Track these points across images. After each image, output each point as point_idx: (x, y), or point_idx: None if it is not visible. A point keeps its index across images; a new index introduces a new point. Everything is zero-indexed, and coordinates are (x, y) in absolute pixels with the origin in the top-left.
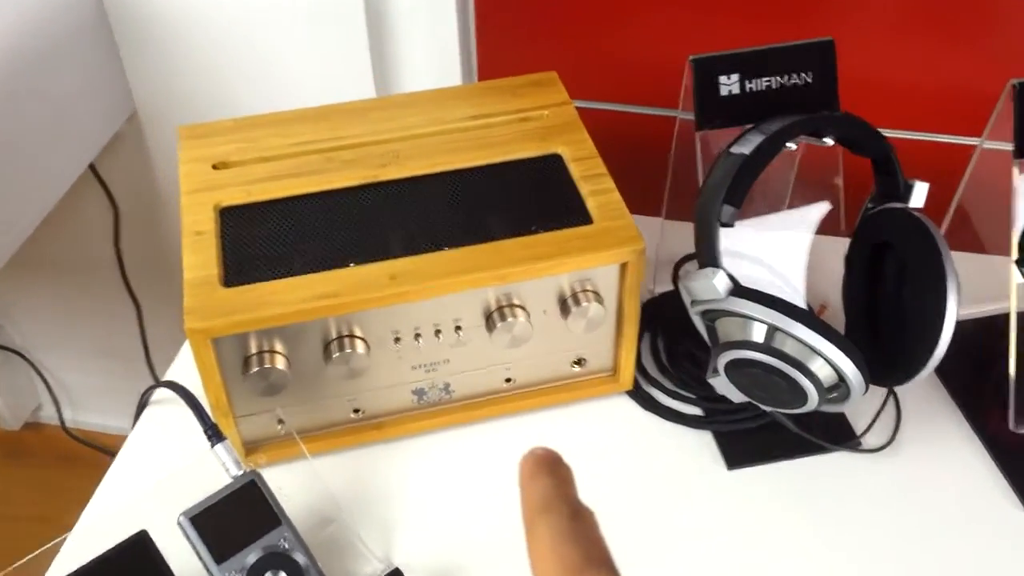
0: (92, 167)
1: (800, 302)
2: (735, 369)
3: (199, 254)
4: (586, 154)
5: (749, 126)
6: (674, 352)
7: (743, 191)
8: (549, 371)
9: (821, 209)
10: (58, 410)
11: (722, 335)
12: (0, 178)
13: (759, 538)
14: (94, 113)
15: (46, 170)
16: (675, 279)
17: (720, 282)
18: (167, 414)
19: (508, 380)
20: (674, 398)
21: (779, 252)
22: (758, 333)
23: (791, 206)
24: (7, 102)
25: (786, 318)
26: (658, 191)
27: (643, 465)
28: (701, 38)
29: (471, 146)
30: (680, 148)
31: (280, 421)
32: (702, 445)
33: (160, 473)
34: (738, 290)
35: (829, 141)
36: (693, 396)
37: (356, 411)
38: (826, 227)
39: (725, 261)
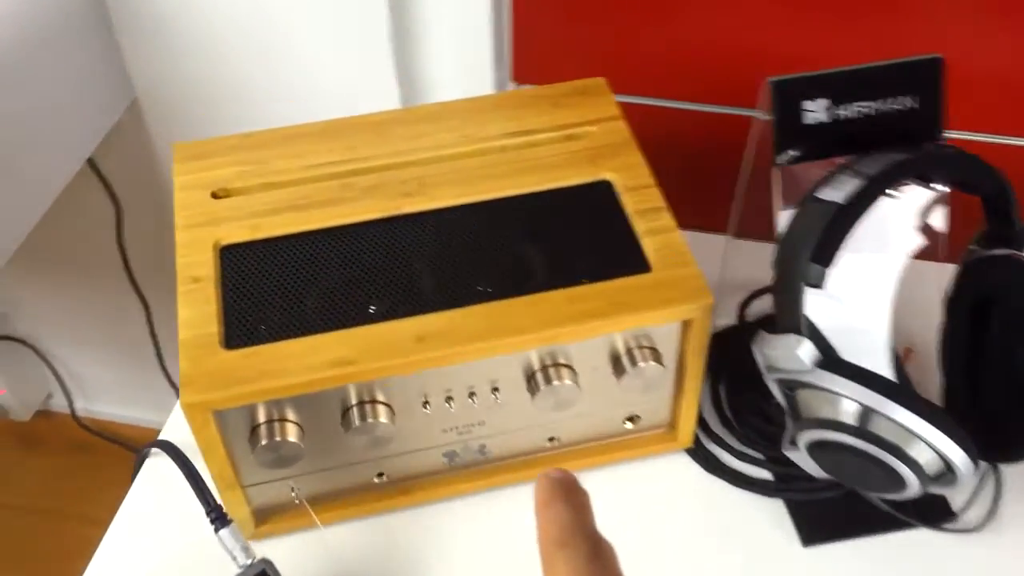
0: (91, 162)
1: (884, 344)
2: (820, 449)
3: (197, 307)
4: (641, 182)
5: (839, 161)
6: (740, 403)
7: (834, 248)
8: (598, 429)
9: (918, 241)
10: (68, 400)
11: (804, 408)
12: None
13: None
14: (90, 104)
15: (41, 167)
16: (742, 314)
17: (805, 353)
18: (168, 470)
19: (551, 439)
20: (740, 459)
21: (862, 281)
22: (849, 413)
23: None
24: None
25: (884, 399)
26: (721, 202)
27: (704, 535)
28: (782, 24)
29: (507, 171)
30: (756, 153)
31: (294, 489)
32: (773, 515)
33: (159, 547)
34: (827, 362)
35: (939, 187)
36: (762, 457)
37: (380, 475)
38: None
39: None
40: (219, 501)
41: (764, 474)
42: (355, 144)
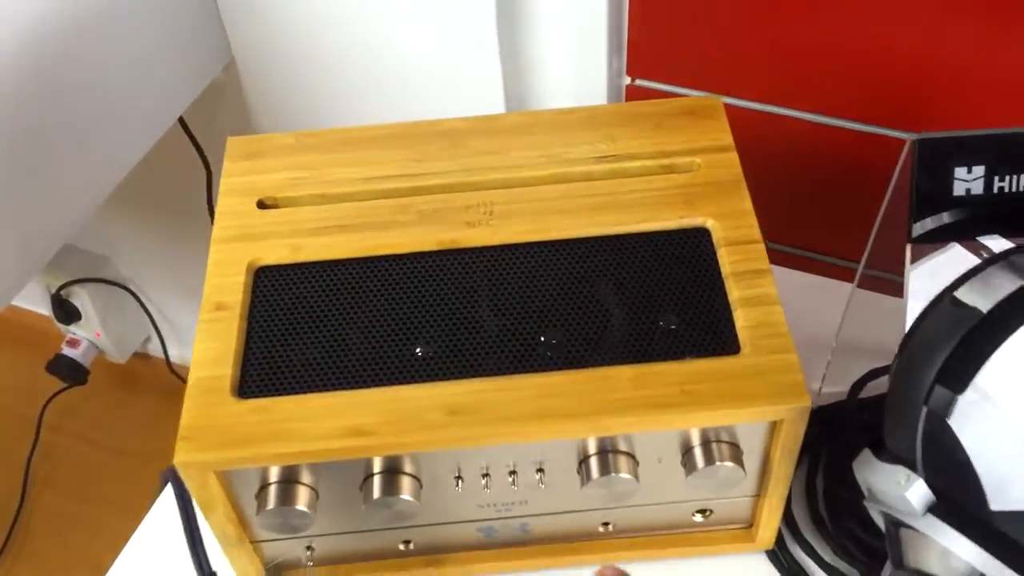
0: (182, 121)
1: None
2: None
3: (215, 341)
4: (745, 236)
5: (994, 249)
6: (839, 501)
7: (971, 369)
8: (661, 519)
9: None
10: (163, 346)
11: (908, 552)
12: (89, 120)
13: None
14: (186, 62)
15: (135, 118)
16: (855, 390)
17: (916, 495)
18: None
19: (605, 524)
20: (830, 574)
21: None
22: (958, 570)
23: None
24: (94, 45)
25: (1004, 568)
26: (855, 237)
27: None
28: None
29: (588, 205)
30: (903, 185)
31: (309, 548)
32: None
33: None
34: (940, 508)
35: None
36: (858, 573)
37: (406, 543)
38: None
39: None
40: (213, 568)
41: None
42: (422, 155)
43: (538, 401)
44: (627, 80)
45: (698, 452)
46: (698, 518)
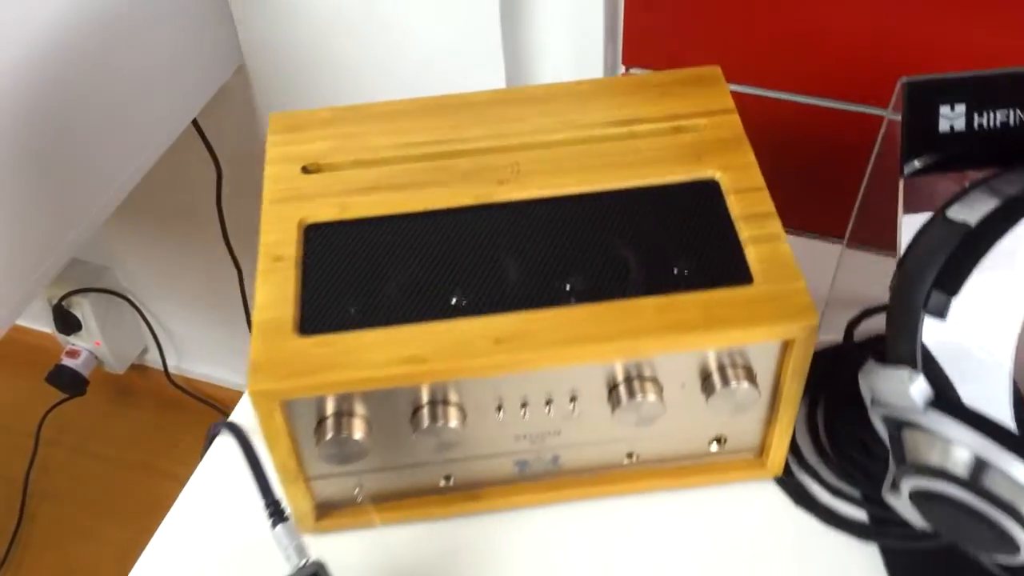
0: (195, 123)
1: (1005, 378)
2: (924, 499)
3: (275, 288)
4: (750, 184)
5: (975, 177)
6: (839, 431)
7: (963, 276)
8: (680, 448)
9: None
10: (162, 357)
11: (911, 452)
12: (102, 128)
13: None
14: (199, 65)
15: (149, 124)
16: (850, 333)
17: (918, 390)
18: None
19: (630, 455)
20: (834, 494)
21: (985, 303)
22: (961, 462)
23: None
24: (108, 52)
25: (1003, 451)
26: (839, 208)
27: (787, 573)
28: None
29: (607, 163)
30: (883, 157)
31: (358, 488)
32: (867, 561)
33: (226, 526)
34: (941, 403)
35: None
36: (859, 495)
37: (447, 479)
38: None
39: None
40: (278, 495)
41: (859, 514)
42: (452, 124)
43: (575, 328)
44: (622, 69)
45: (716, 376)
46: (714, 447)
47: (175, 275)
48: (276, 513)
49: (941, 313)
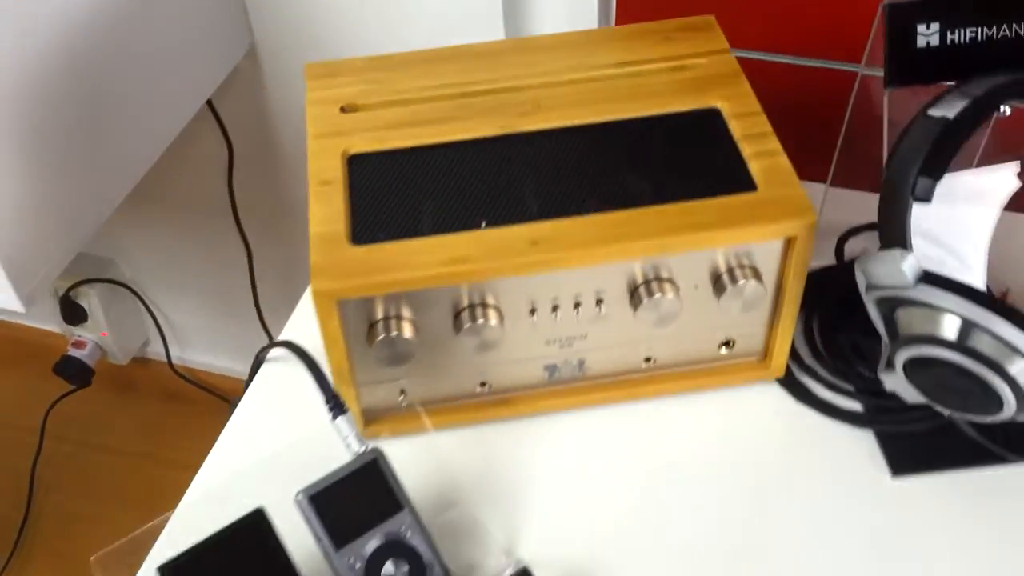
0: (209, 103)
1: (980, 285)
2: (917, 368)
3: (327, 206)
4: (748, 110)
5: (948, 85)
6: (832, 338)
7: (945, 161)
8: (693, 352)
9: (1013, 183)
10: (165, 347)
11: (903, 327)
12: (120, 113)
13: (921, 558)
14: (213, 47)
15: (165, 105)
16: (838, 253)
17: (909, 267)
18: (284, 374)
19: (648, 359)
20: (831, 389)
21: (956, 227)
22: (950, 328)
23: None
24: (126, 36)
25: (987, 312)
26: (823, 155)
27: (793, 463)
28: None
29: (618, 96)
30: (858, 107)
31: (403, 392)
32: (863, 445)
33: (274, 440)
34: (930, 277)
35: None
36: (853, 389)
37: (483, 384)
38: (1016, 203)
39: None
40: (336, 391)
41: (854, 406)
42: (472, 68)
43: (603, 231)
44: None
45: (726, 277)
46: (723, 351)
47: (181, 264)
48: (337, 406)
49: (927, 197)
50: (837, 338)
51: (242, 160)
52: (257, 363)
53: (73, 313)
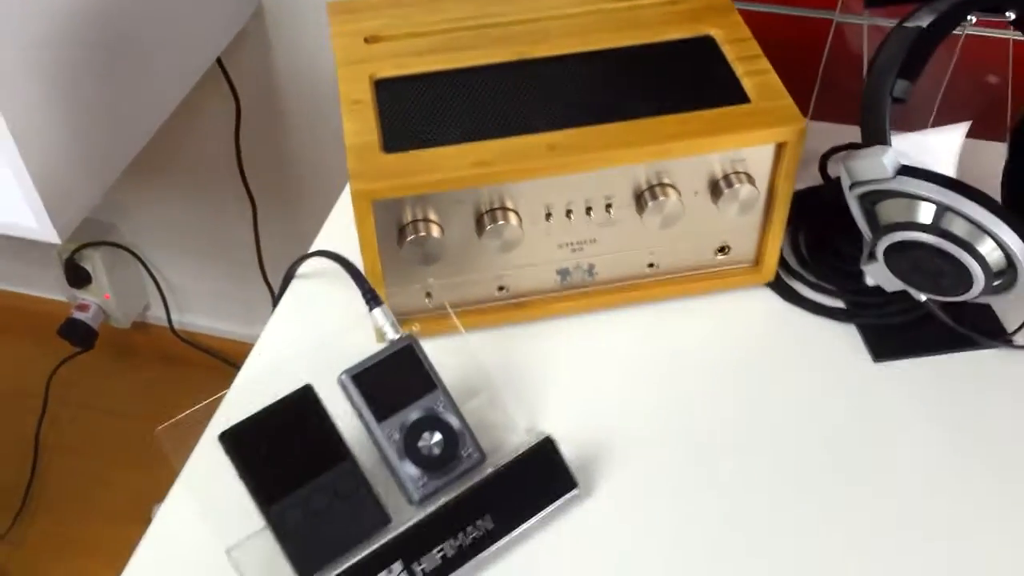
0: (219, 61)
1: None
2: (896, 253)
3: (358, 121)
4: (740, 36)
5: (920, 3)
6: (816, 246)
7: (920, 65)
8: (692, 258)
9: (961, 131)
10: (167, 311)
11: (884, 218)
12: (141, 64)
13: (902, 432)
14: (224, 5)
15: (180, 60)
16: (822, 170)
17: (889, 160)
18: (312, 289)
19: (651, 265)
20: (816, 290)
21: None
22: (926, 214)
23: (941, 107)
24: None
25: (960, 196)
26: (803, 94)
27: (785, 357)
28: None
29: (621, 26)
30: (835, 50)
31: (428, 295)
32: (846, 338)
33: (307, 343)
34: (907, 169)
35: (1011, 15)
36: (836, 289)
37: (501, 289)
38: (985, 130)
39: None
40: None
41: (838, 304)
42: (486, 4)
43: (613, 137)
44: None
45: (722, 183)
46: (719, 256)
47: (184, 227)
48: (374, 299)
49: (904, 96)
50: (820, 245)
51: (249, 119)
52: (288, 277)
53: (77, 276)
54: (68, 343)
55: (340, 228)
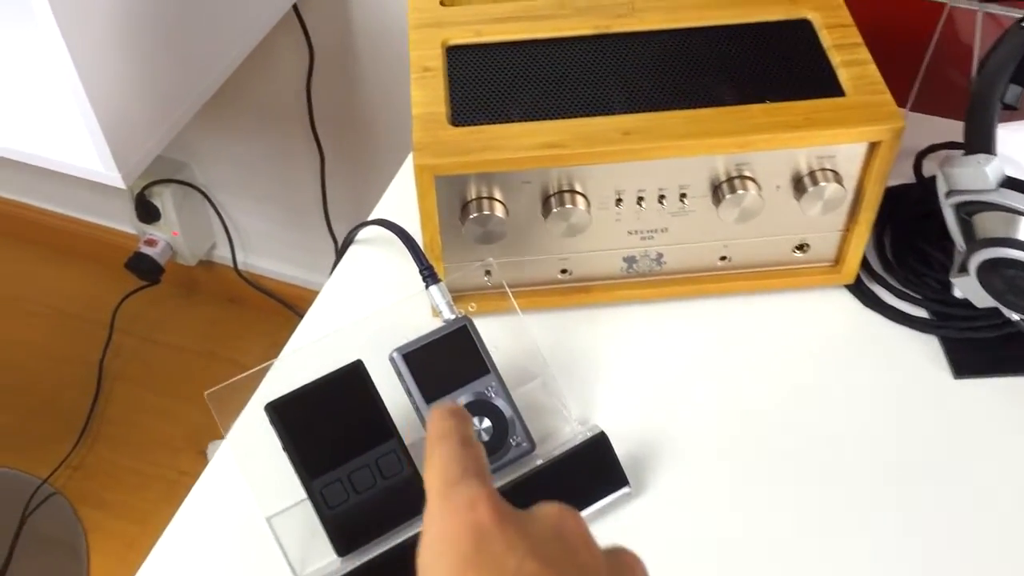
0: (295, 7)
1: None
2: (992, 270)
3: (427, 90)
4: (840, 21)
5: None
6: (902, 248)
7: None
8: (768, 254)
9: None
10: (232, 251)
11: (981, 231)
12: (214, 8)
13: (981, 453)
14: None
15: (253, 5)
16: (916, 169)
17: (993, 171)
18: (370, 256)
19: (723, 258)
20: (899, 297)
21: None
22: None
23: None
24: None
25: None
26: (904, 82)
27: (859, 365)
28: None
29: (712, 3)
30: (944, 36)
31: (488, 273)
32: (927, 350)
33: (362, 312)
34: (1011, 182)
35: None
36: (920, 297)
37: (564, 272)
38: None
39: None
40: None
41: (921, 313)
42: None
43: (692, 125)
44: None
45: (807, 179)
46: (797, 254)
47: (253, 170)
48: (431, 276)
49: (1015, 104)
50: (907, 249)
51: (322, 68)
52: (347, 242)
53: (147, 212)
54: (135, 276)
55: (404, 194)
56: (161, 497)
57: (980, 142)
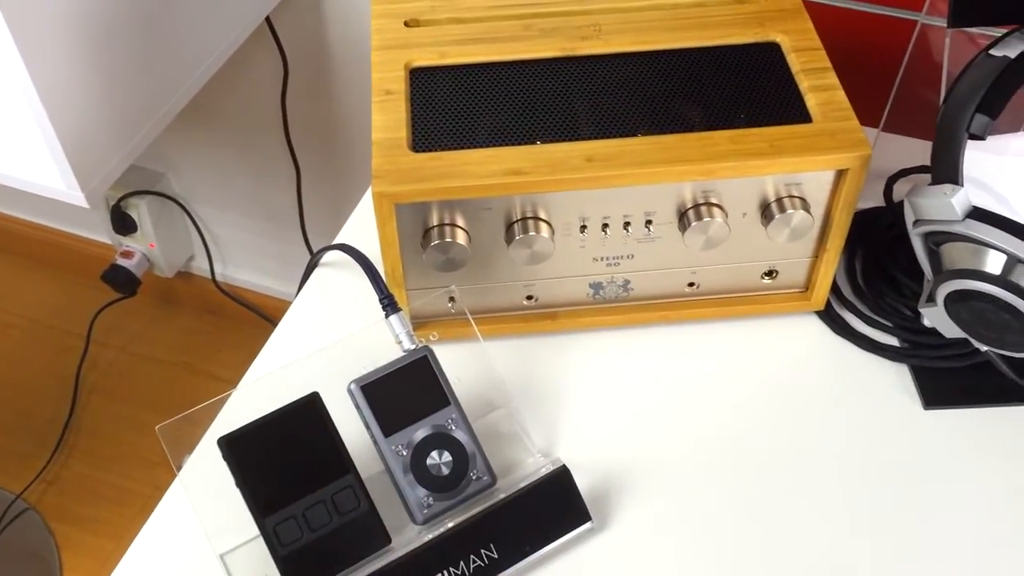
0: (268, 20)
1: None
2: (959, 301)
3: (388, 114)
4: (808, 45)
5: (1012, 27)
6: (873, 274)
7: (1003, 100)
8: (736, 280)
9: None
10: (210, 263)
11: (948, 262)
12: (185, 22)
13: (950, 483)
14: None
15: (227, 17)
16: (886, 194)
17: (959, 202)
18: (335, 279)
19: (691, 285)
20: (869, 324)
21: (1005, 175)
22: (994, 263)
23: None
24: None
25: None
26: (876, 101)
27: (829, 393)
28: None
29: (679, 26)
30: (916, 55)
31: (452, 299)
32: (897, 379)
33: (325, 338)
34: (978, 213)
35: None
36: (891, 324)
37: (529, 298)
38: None
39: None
40: (390, 291)
41: (891, 340)
42: None
43: (657, 152)
44: None
45: (774, 206)
46: (765, 280)
47: (230, 181)
48: (390, 304)
49: (981, 134)
50: (878, 275)
51: (297, 79)
52: (311, 266)
53: (123, 223)
54: (111, 288)
55: (371, 215)
56: (136, 513)
57: (946, 173)
